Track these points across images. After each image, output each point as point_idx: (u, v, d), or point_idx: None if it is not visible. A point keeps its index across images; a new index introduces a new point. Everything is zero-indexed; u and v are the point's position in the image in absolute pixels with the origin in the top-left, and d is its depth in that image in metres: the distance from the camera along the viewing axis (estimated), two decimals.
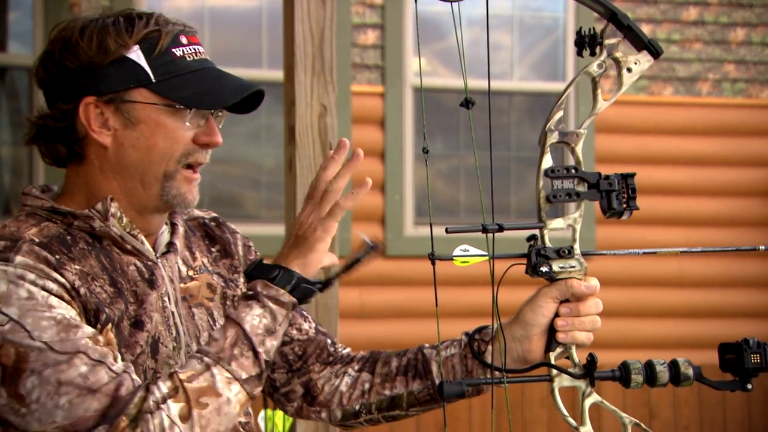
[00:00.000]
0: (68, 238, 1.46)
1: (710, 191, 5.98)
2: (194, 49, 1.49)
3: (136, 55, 1.45)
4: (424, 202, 5.73)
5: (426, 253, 1.36)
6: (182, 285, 1.56)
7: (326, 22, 2.38)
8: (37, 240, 1.42)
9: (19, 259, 1.37)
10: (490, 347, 1.59)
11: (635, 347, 5.72)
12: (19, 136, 5.37)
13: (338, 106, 2.41)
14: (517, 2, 5.98)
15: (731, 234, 5.89)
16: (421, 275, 5.44)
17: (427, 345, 1.68)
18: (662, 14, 5.94)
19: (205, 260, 1.63)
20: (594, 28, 1.46)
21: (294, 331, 1.70)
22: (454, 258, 1.40)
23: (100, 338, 1.37)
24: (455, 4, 1.38)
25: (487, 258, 1.40)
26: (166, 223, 1.59)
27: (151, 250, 1.52)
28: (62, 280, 1.39)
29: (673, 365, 1.46)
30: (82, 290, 1.41)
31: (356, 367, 1.70)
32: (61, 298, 1.37)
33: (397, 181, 5.61)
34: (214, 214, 1.73)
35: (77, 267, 1.43)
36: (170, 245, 1.56)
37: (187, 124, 1.47)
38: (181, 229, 1.60)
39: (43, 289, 1.36)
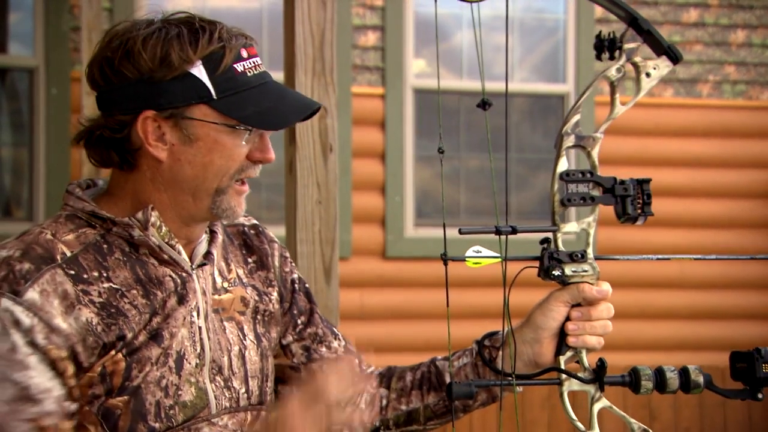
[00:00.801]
0: (105, 246, 1.44)
1: (710, 193, 5.98)
2: (254, 62, 1.46)
3: (199, 71, 1.42)
4: (424, 203, 5.73)
5: (426, 255, 1.37)
6: (216, 297, 1.53)
7: (327, 23, 2.37)
8: (68, 254, 1.40)
9: (29, 295, 1.35)
10: (501, 353, 1.59)
11: (638, 349, 5.72)
12: (19, 137, 5.37)
13: (339, 108, 2.41)
14: (518, 4, 5.98)
15: (731, 236, 5.89)
16: (421, 277, 5.47)
17: (439, 357, 1.67)
18: (663, 16, 5.94)
19: (241, 271, 1.61)
20: (614, 33, 1.45)
21: (323, 349, 1.69)
22: (467, 259, 1.39)
23: (48, 422, 1.35)
24: (474, 4, 1.37)
25: (499, 260, 1.39)
26: (206, 231, 1.57)
27: (187, 260, 1.50)
28: (65, 327, 1.36)
29: (684, 372, 1.44)
30: (100, 327, 1.38)
31: (373, 384, 1.69)
32: (46, 354, 1.35)
33: (398, 182, 5.61)
34: (254, 221, 1.70)
35: (106, 285, 1.41)
36: (207, 255, 1.54)
37: (244, 142, 1.45)
38: (219, 238, 1.58)
39: (31, 343, 1.34)
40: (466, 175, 5.85)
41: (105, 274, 1.42)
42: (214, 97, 1.42)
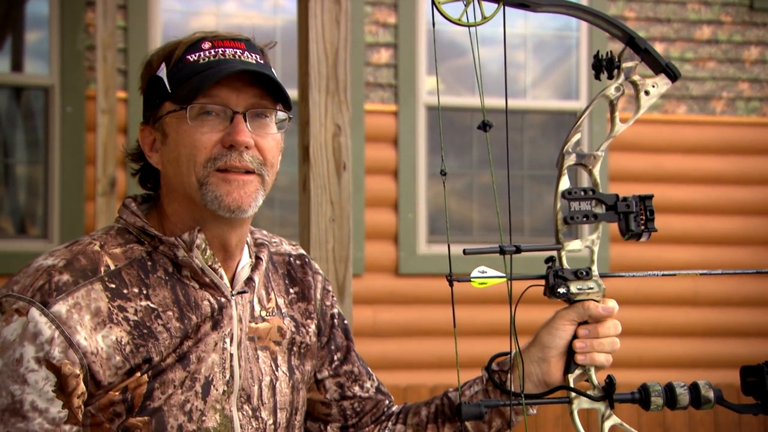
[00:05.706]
0: (149, 264, 1.45)
1: (724, 210, 5.96)
2: (214, 51, 1.46)
3: (162, 71, 1.46)
4: (437, 220, 5.73)
5: (439, 272, 1.37)
6: (252, 325, 1.53)
7: (340, 42, 2.38)
8: (112, 267, 1.42)
9: (56, 308, 1.35)
10: (510, 375, 1.59)
11: (651, 367, 5.70)
12: (35, 155, 5.40)
13: (352, 125, 2.42)
14: (532, 22, 6.00)
15: (746, 252, 5.87)
16: (434, 293, 5.46)
17: (451, 390, 1.67)
18: (676, 33, 5.95)
19: (281, 301, 1.61)
20: (611, 52, 1.46)
21: (357, 388, 1.70)
22: (472, 279, 1.39)
23: None
24: (473, 27, 1.38)
25: (504, 279, 1.39)
26: (251, 256, 1.57)
27: (228, 286, 1.50)
28: (85, 345, 1.35)
29: (694, 388, 1.44)
30: (128, 348, 1.38)
31: (393, 420, 1.71)
32: (59, 369, 1.34)
33: (411, 199, 5.62)
34: (301, 251, 1.70)
35: (143, 303, 1.41)
36: (249, 282, 1.54)
37: (190, 123, 1.43)
38: (263, 266, 1.58)
39: (43, 360, 1.33)
40: (479, 192, 5.85)
41: (145, 292, 1.43)
42: (169, 90, 1.45)
